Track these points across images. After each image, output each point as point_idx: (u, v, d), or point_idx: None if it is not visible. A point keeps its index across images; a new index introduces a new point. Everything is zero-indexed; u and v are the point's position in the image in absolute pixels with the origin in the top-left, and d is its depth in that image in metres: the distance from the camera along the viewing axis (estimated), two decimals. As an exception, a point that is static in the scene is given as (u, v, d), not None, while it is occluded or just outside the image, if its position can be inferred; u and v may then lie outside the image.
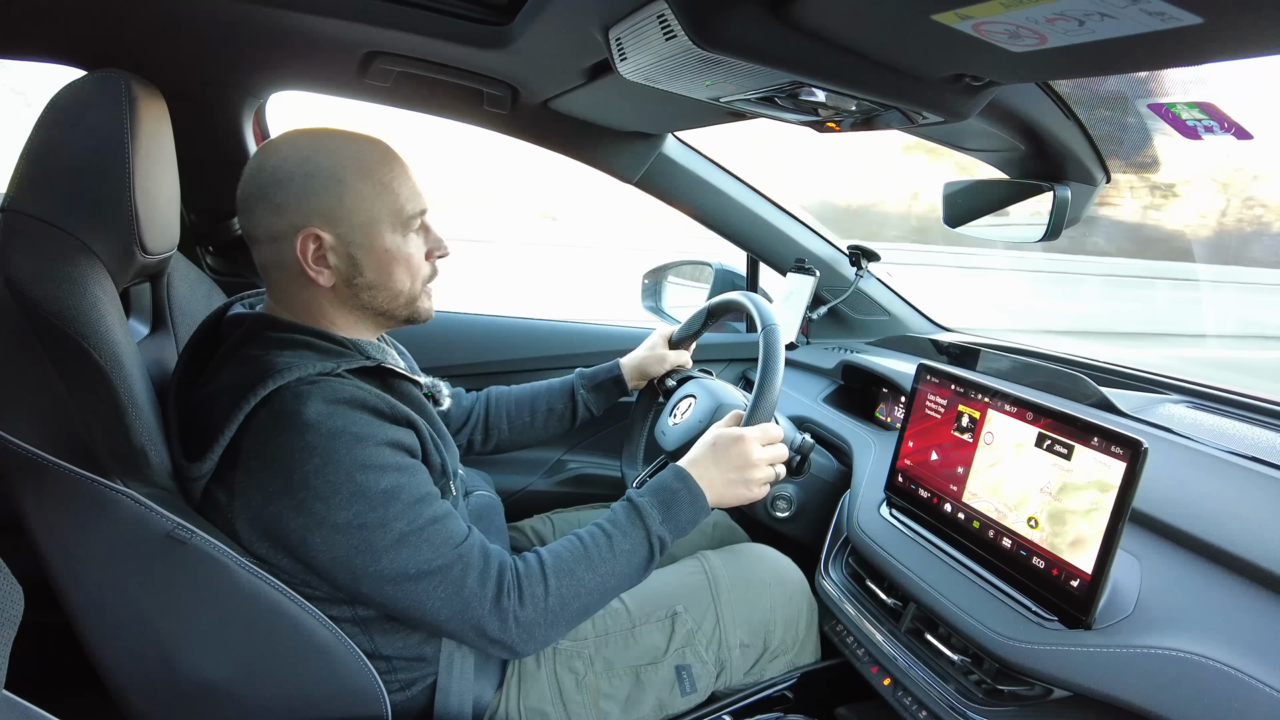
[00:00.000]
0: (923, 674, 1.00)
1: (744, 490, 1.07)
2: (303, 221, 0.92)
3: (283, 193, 0.92)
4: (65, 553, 0.83)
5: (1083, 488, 0.87)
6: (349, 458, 0.85)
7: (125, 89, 0.89)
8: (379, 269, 0.97)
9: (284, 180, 0.92)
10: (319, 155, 0.92)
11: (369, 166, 0.94)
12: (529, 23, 1.08)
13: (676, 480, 1.04)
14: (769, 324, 1.18)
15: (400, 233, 0.97)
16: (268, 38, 1.27)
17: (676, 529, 1.02)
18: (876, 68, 0.85)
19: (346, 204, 0.93)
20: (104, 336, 0.81)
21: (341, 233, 0.93)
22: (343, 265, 0.95)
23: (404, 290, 1.00)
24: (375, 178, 0.94)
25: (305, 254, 0.93)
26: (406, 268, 0.99)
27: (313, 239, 0.92)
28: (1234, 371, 5.99)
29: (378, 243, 0.96)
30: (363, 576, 0.87)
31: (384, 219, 0.95)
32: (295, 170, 0.92)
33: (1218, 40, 0.59)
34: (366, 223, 0.94)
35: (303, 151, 0.93)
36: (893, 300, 1.95)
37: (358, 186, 0.93)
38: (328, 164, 0.92)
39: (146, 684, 0.89)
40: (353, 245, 0.94)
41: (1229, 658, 0.73)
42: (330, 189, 0.92)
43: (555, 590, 0.93)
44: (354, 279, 0.96)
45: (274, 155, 0.93)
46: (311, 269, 0.94)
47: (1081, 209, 1.27)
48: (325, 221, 0.92)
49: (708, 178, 1.78)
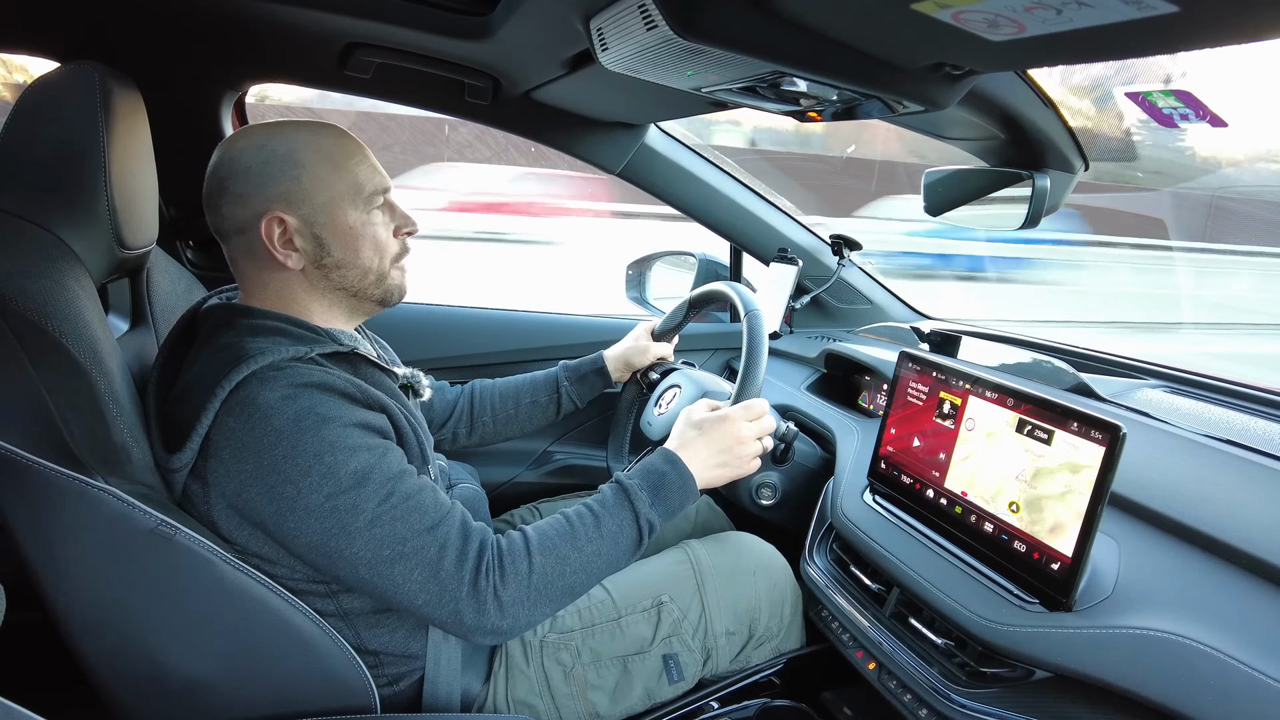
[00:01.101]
0: (907, 658, 1.01)
1: (735, 468, 1.08)
2: (265, 206, 0.93)
3: (242, 182, 0.93)
4: (48, 552, 0.82)
5: (1055, 471, 0.88)
6: (316, 439, 0.85)
7: (99, 81, 0.88)
8: (345, 246, 0.98)
9: (242, 171, 0.93)
10: (274, 143, 0.94)
11: (324, 149, 0.96)
12: (509, 13, 1.07)
13: (665, 462, 1.04)
14: (751, 309, 1.19)
15: (362, 209, 0.98)
16: (245, 29, 1.26)
17: (666, 512, 1.02)
18: (857, 57, 0.85)
19: (305, 185, 0.94)
20: (82, 333, 0.80)
21: (304, 214, 0.95)
22: (309, 247, 0.96)
23: (373, 267, 1.01)
24: (331, 159, 0.96)
25: (271, 238, 0.94)
26: (373, 244, 1.00)
27: (277, 222, 0.94)
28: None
29: (341, 220, 0.97)
30: (339, 559, 0.87)
31: (344, 197, 0.97)
32: (252, 160, 0.94)
33: (1194, 29, 0.60)
34: (327, 202, 0.96)
35: (258, 141, 0.95)
36: (875, 289, 1.96)
37: (315, 168, 0.95)
38: (284, 150, 0.94)
39: (132, 680, 0.89)
40: (316, 225, 0.96)
41: (1206, 637, 0.74)
42: (288, 172, 0.94)
43: (540, 567, 0.93)
44: (322, 259, 0.97)
45: (231, 149, 0.95)
46: (279, 253, 0.95)
47: (1060, 197, 1.28)
48: (287, 204, 0.94)
49: (690, 168, 1.78)
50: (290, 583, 0.91)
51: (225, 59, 1.38)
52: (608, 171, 1.76)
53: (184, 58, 1.34)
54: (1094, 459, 0.83)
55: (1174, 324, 8.15)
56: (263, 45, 1.34)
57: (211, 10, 1.17)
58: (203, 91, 1.42)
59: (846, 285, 1.93)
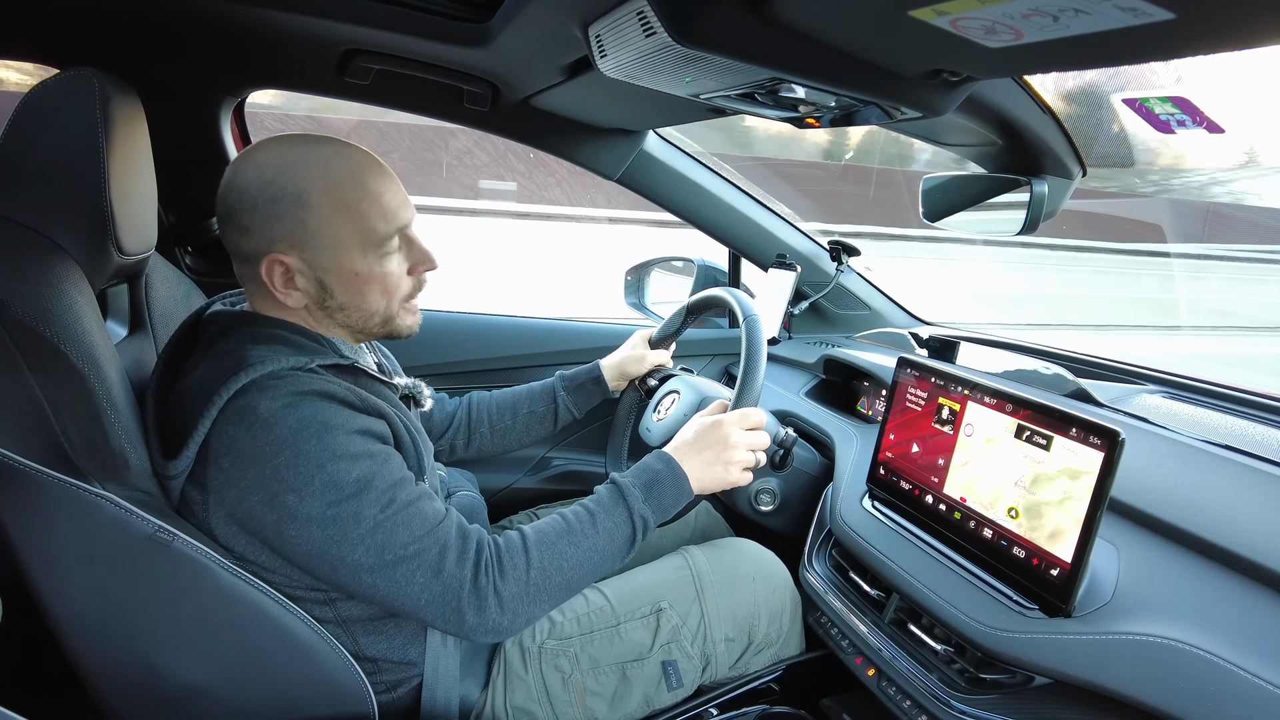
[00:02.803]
0: (906, 664, 1.00)
1: (722, 472, 1.09)
2: (268, 247, 0.90)
3: (248, 216, 0.89)
4: (45, 558, 0.81)
5: (1054, 476, 0.88)
6: (319, 447, 0.84)
7: (98, 87, 0.88)
8: (350, 291, 0.95)
9: (250, 205, 0.89)
10: (283, 177, 0.89)
11: (335, 186, 0.90)
12: (508, 20, 1.08)
13: (659, 462, 1.06)
14: (750, 315, 1.19)
15: (373, 253, 0.94)
16: (244, 36, 1.26)
17: (659, 509, 1.03)
18: (855, 64, 0.86)
19: (310, 228, 0.90)
20: (80, 338, 0.80)
21: (308, 257, 0.91)
22: (312, 289, 0.94)
23: (379, 310, 0.98)
24: (342, 200, 0.90)
25: (272, 278, 0.91)
26: (381, 288, 0.96)
27: (279, 264, 0.90)
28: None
29: (347, 266, 0.93)
30: (340, 566, 0.86)
31: (353, 243, 0.92)
32: (259, 194, 0.88)
33: (1190, 35, 0.60)
34: (333, 246, 0.91)
35: (267, 173, 0.89)
36: (873, 294, 1.96)
37: (323, 210, 0.89)
38: (292, 187, 0.88)
39: (129, 688, 0.88)
40: (320, 269, 0.92)
41: (1206, 643, 0.74)
42: (293, 214, 0.89)
43: (537, 562, 0.93)
44: (325, 301, 0.95)
45: (241, 174, 0.90)
46: (279, 292, 0.92)
47: (1058, 202, 1.29)
48: (290, 247, 0.90)
49: (689, 174, 1.78)
50: (288, 589, 0.91)
51: (224, 65, 1.38)
52: (606, 178, 1.76)
53: (183, 64, 1.35)
54: (1093, 465, 0.83)
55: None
56: (262, 52, 1.34)
57: (211, 17, 1.17)
58: (202, 98, 1.42)
59: (845, 291, 1.93)
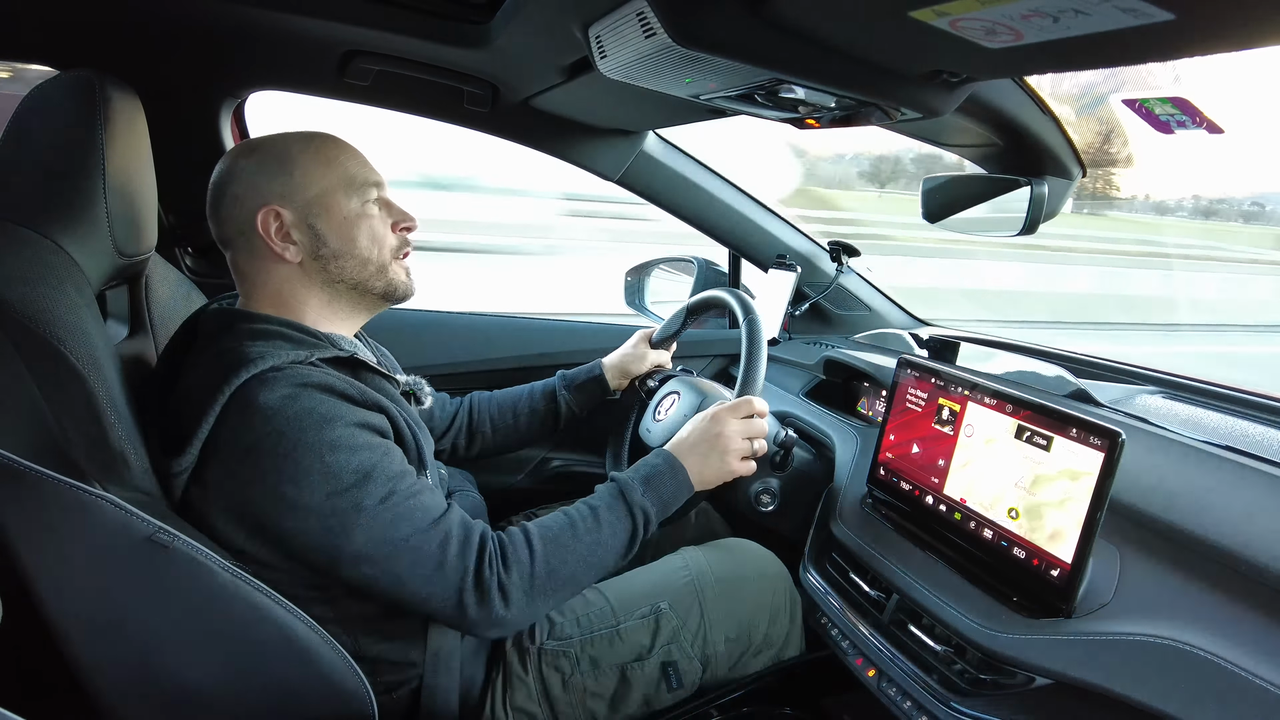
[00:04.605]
0: (907, 665, 1.00)
1: (719, 463, 1.09)
2: (260, 202, 0.96)
3: (238, 184, 0.97)
4: (44, 559, 0.81)
5: (1054, 477, 0.88)
6: (318, 439, 0.85)
7: (98, 88, 0.88)
8: (341, 236, 0.99)
9: (238, 174, 0.98)
10: (266, 146, 0.99)
11: (314, 146, 1.00)
12: (508, 21, 1.08)
13: (656, 457, 1.08)
14: (750, 313, 1.19)
15: (356, 199, 1.00)
16: (244, 37, 1.26)
17: (659, 502, 1.04)
18: (855, 64, 0.86)
19: (297, 179, 0.97)
20: (80, 339, 0.80)
21: (298, 206, 0.97)
22: (306, 239, 0.98)
23: (371, 257, 1.02)
24: (322, 155, 1.00)
25: (269, 231, 0.96)
26: (369, 233, 1.01)
27: (273, 215, 0.96)
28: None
29: (335, 210, 0.99)
30: (340, 558, 0.87)
31: (337, 188, 0.99)
32: (246, 164, 0.98)
33: (1189, 36, 0.60)
34: (320, 193, 0.98)
35: (251, 148, 1.00)
36: (873, 295, 1.96)
37: (306, 164, 0.98)
38: (275, 151, 0.99)
39: (129, 689, 0.88)
40: (311, 215, 0.98)
41: (1207, 644, 0.74)
42: (280, 169, 0.97)
43: (541, 556, 0.94)
44: (319, 250, 0.99)
45: (227, 160, 1.00)
46: (277, 245, 0.97)
47: (1058, 203, 1.29)
48: (281, 198, 0.97)
49: (689, 175, 1.78)
50: (289, 588, 0.91)
51: (224, 66, 1.38)
52: (606, 179, 1.76)
53: (183, 65, 1.35)
54: (1093, 465, 0.83)
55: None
56: (262, 53, 1.34)
57: (211, 18, 1.17)
58: (202, 99, 1.42)
59: (845, 292, 1.93)
